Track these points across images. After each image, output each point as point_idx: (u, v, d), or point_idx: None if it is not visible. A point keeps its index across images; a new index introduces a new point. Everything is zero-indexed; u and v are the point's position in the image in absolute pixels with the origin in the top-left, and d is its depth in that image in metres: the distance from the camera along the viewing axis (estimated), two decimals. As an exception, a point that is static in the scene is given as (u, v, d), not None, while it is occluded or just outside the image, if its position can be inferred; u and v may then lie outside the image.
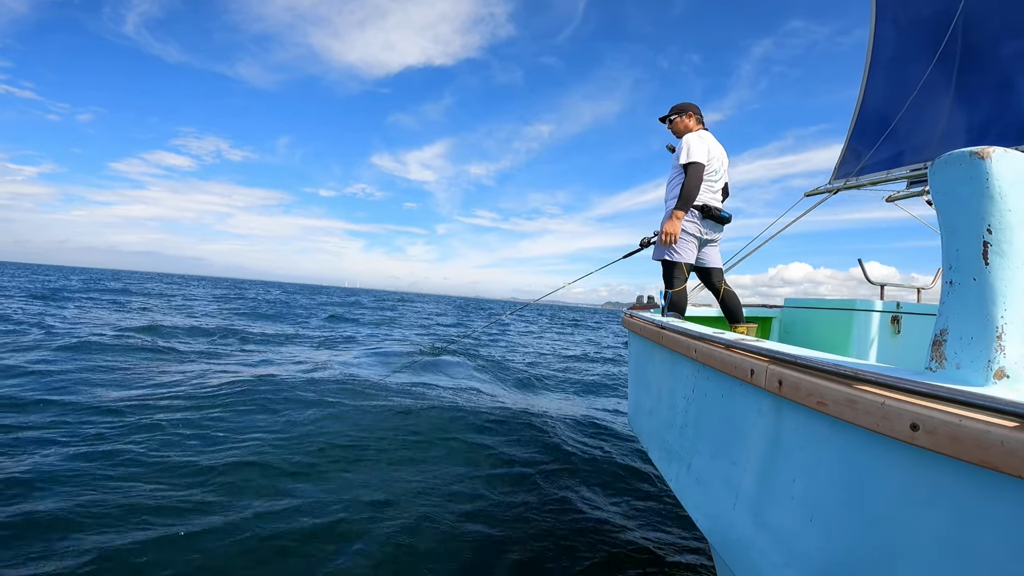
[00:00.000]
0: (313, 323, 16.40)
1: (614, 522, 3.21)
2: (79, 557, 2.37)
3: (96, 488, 3.03)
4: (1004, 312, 0.76)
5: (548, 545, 2.85)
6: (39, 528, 2.58)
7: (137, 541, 2.51)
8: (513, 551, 2.75)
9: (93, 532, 2.59)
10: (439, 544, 2.75)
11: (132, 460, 3.49)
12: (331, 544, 2.66)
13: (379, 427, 4.71)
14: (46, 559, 2.35)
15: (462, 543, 2.79)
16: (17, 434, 3.78)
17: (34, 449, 3.54)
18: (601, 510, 3.39)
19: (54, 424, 4.08)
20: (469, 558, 2.66)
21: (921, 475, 0.78)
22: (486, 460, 4.12)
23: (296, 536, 2.70)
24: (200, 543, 2.56)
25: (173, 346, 8.68)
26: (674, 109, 2.91)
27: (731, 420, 1.41)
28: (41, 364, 6.20)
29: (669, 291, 2.63)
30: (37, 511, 2.71)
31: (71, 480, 3.11)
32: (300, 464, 3.67)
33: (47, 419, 4.18)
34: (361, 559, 2.55)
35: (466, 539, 2.83)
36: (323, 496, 3.19)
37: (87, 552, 2.41)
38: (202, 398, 5.22)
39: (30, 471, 3.16)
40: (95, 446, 3.67)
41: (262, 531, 2.71)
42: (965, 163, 0.79)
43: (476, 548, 2.75)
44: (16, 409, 4.39)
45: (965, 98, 3.19)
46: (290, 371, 7.04)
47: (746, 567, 1.28)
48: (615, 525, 3.17)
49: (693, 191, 2.55)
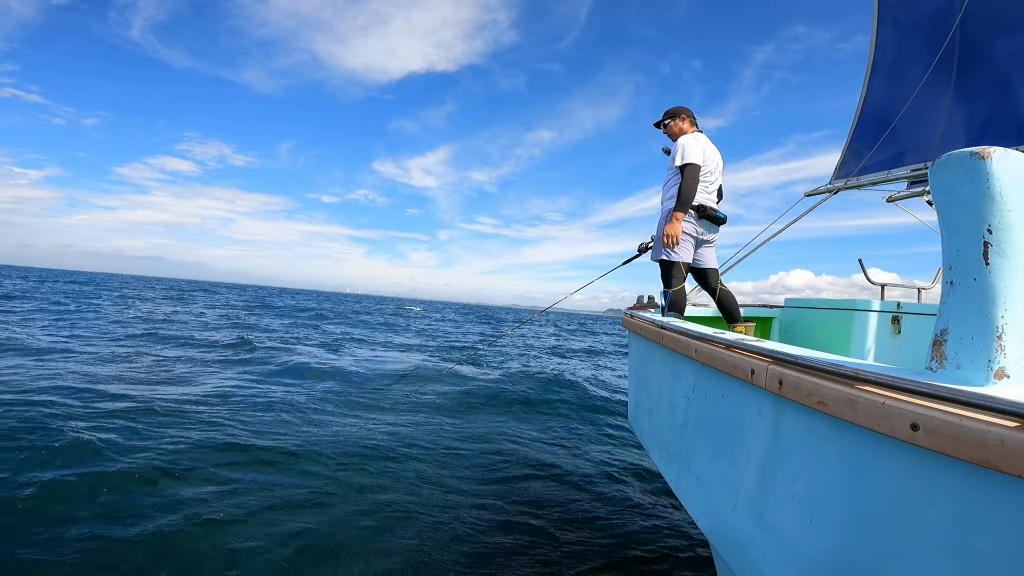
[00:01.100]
0: (413, 327, 17.66)
1: (613, 521, 3.21)
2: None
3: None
4: (1004, 312, 0.76)
5: (547, 543, 2.85)
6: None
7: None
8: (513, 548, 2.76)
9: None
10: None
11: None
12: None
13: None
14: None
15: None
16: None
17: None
18: (599, 510, 3.39)
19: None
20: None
21: (921, 475, 0.78)
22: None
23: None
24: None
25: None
26: (667, 114, 2.97)
27: (731, 420, 1.41)
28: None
29: (668, 291, 2.63)
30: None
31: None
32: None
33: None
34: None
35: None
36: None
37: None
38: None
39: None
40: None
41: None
42: (966, 163, 0.79)
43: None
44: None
45: (965, 98, 3.18)
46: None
47: (747, 567, 1.28)
48: (614, 524, 3.17)
49: (691, 192, 2.56)
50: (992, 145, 0.79)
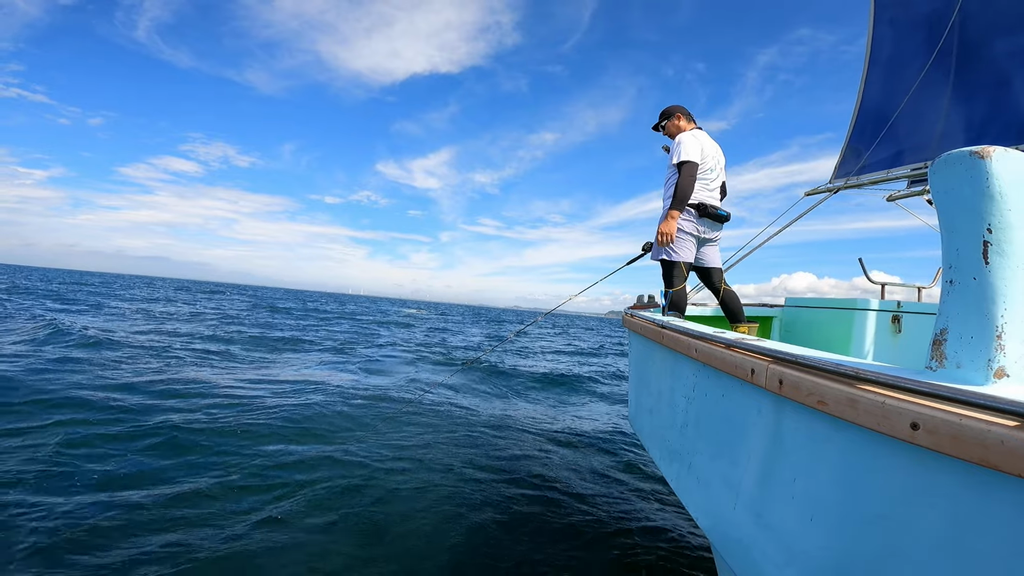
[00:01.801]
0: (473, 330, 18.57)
1: (613, 521, 3.21)
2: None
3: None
4: (1004, 311, 0.76)
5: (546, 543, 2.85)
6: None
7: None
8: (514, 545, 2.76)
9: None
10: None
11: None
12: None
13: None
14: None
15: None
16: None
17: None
18: (599, 510, 3.39)
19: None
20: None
21: (921, 475, 0.78)
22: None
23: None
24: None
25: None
26: (663, 114, 2.96)
27: (732, 420, 1.41)
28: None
29: (669, 291, 2.63)
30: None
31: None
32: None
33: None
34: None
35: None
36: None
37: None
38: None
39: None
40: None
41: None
42: (965, 163, 0.79)
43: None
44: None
45: (964, 97, 3.18)
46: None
47: (747, 566, 1.28)
48: (614, 524, 3.17)
49: (687, 190, 2.55)
50: (991, 144, 0.79)
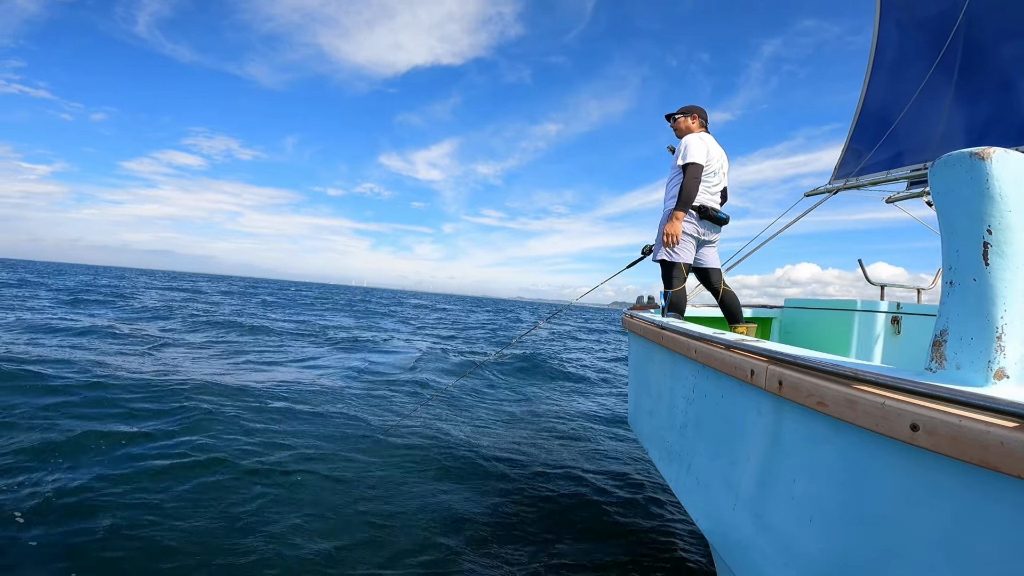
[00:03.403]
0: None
1: (612, 521, 3.21)
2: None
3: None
4: (1004, 312, 0.76)
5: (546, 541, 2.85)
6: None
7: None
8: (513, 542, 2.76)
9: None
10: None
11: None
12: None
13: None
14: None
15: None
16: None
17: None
18: (597, 508, 3.38)
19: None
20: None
21: (921, 475, 0.78)
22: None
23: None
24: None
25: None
26: (682, 109, 2.96)
27: (731, 420, 1.41)
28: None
29: (669, 291, 2.63)
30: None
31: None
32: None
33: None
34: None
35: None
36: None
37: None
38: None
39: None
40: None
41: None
42: (965, 164, 0.79)
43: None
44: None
45: (966, 99, 3.18)
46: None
47: (746, 567, 1.28)
48: (613, 524, 3.17)
49: (692, 191, 2.56)
50: (992, 146, 0.79)
